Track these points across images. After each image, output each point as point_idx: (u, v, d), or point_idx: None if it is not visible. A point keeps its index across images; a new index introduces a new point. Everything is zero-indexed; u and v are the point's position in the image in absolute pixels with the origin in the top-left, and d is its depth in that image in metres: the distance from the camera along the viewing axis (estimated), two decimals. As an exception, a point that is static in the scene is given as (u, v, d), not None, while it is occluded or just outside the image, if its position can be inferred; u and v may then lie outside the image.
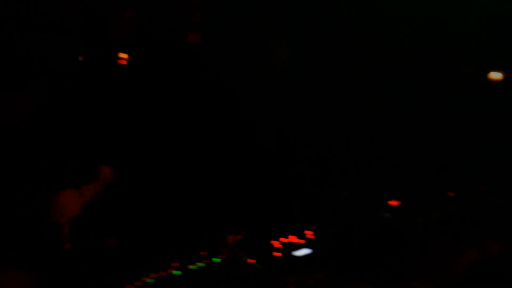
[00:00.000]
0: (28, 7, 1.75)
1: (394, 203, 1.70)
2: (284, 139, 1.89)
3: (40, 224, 1.29)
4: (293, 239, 1.57)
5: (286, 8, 2.08)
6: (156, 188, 1.54)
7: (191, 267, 1.45)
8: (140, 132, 1.60)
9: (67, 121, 1.46)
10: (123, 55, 2.42)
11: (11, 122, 1.35)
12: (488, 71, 2.25)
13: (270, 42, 2.09)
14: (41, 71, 1.33)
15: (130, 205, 1.45)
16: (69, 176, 1.37)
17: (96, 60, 2.22)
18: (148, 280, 1.37)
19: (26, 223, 1.32)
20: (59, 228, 1.31)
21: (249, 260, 1.47)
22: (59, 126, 1.44)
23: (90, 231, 1.48)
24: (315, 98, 2.01)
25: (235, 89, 1.91)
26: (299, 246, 1.57)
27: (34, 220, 1.30)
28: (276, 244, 1.56)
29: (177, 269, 1.44)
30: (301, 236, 1.60)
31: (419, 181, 1.92)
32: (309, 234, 1.61)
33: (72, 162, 1.43)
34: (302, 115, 1.96)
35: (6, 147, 1.35)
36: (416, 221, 1.59)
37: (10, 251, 1.29)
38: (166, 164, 1.60)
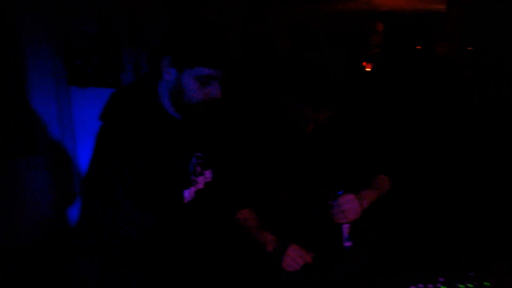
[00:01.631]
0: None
1: None
2: None
3: (326, 223, 1.52)
4: None
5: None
6: (434, 198, 1.56)
7: (460, 286, 1.44)
8: (417, 141, 1.66)
9: (347, 131, 1.66)
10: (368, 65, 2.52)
11: (308, 130, 1.61)
12: None
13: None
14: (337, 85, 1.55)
15: (405, 213, 1.52)
16: (351, 183, 1.56)
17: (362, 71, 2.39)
18: (414, 288, 1.44)
19: (315, 222, 1.59)
20: (341, 228, 1.51)
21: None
22: (340, 136, 1.66)
23: (366, 233, 1.64)
24: None
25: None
26: None
27: (322, 219, 1.54)
28: None
29: (443, 284, 1.46)
30: None
31: None
32: None
33: (353, 171, 1.62)
34: None
35: (296, 154, 1.64)
36: None
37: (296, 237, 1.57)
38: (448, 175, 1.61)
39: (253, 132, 1.64)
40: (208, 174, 1.51)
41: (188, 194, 1.43)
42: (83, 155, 3.26)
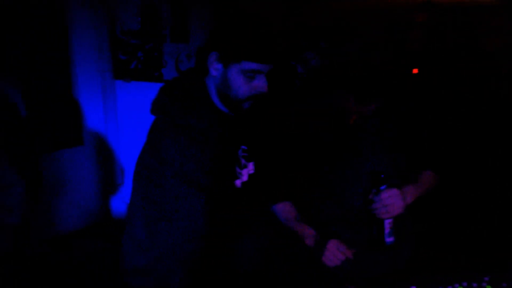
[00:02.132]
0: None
1: None
2: None
3: (369, 218, 1.52)
4: None
5: None
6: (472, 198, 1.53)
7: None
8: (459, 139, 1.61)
9: (391, 125, 1.64)
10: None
11: (351, 122, 1.60)
12: None
13: None
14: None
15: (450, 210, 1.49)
16: (393, 178, 1.54)
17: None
18: None
19: (356, 217, 1.58)
20: (382, 223, 1.50)
21: None
22: (384, 129, 1.64)
23: (409, 229, 1.63)
24: None
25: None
26: None
27: (363, 214, 1.54)
28: None
29: (488, 283, 1.43)
30: None
31: None
32: None
33: (397, 165, 1.61)
34: None
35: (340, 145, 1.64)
36: None
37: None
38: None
39: (295, 125, 1.65)
40: (251, 166, 1.53)
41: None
42: (125, 147, 3.37)
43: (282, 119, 1.66)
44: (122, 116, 3.30)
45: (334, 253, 1.51)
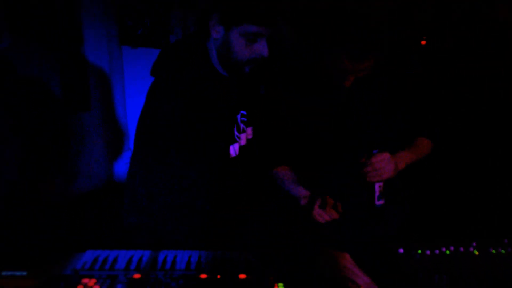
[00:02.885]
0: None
1: None
2: None
3: (358, 182, 1.55)
4: None
5: None
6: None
7: (493, 251, 1.44)
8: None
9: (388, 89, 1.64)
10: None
11: (347, 84, 1.60)
12: None
13: None
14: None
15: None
16: (388, 143, 1.56)
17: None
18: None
19: (349, 180, 1.61)
20: (373, 186, 1.53)
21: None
22: (379, 93, 1.64)
23: (400, 193, 1.66)
24: None
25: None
26: None
27: (354, 178, 1.57)
28: None
29: (475, 248, 1.47)
30: None
31: None
32: None
33: (392, 130, 1.61)
34: None
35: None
36: None
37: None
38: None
39: (292, 90, 1.66)
40: (249, 131, 1.56)
41: (233, 150, 1.50)
42: (131, 113, 3.41)
43: (281, 83, 1.67)
44: (129, 82, 3.33)
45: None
